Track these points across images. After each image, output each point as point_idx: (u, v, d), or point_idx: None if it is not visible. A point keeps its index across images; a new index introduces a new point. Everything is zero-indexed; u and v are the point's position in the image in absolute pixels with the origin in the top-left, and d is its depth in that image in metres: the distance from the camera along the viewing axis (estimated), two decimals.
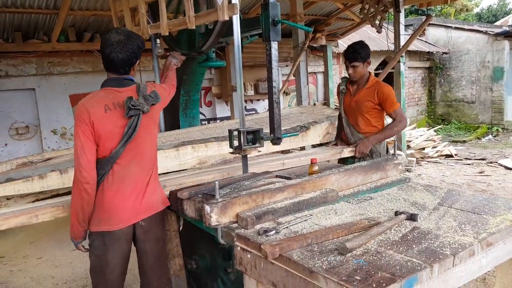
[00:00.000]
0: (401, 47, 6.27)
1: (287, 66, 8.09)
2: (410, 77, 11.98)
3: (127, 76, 2.12)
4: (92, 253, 2.11)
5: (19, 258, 4.28)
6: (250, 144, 2.45)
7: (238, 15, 2.31)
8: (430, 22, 10.34)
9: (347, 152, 3.26)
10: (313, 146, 3.78)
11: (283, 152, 3.59)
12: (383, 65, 10.31)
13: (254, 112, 8.27)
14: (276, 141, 2.50)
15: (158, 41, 3.32)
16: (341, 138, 3.52)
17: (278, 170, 2.77)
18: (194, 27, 2.56)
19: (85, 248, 2.15)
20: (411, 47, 10.03)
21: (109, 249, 2.06)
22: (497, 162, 7.66)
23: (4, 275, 3.87)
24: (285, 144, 3.33)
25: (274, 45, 2.36)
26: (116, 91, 2.06)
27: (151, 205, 2.13)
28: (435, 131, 9.60)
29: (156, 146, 2.22)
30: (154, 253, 2.21)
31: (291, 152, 3.29)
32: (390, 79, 8.04)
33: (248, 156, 2.53)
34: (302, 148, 4.04)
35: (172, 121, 3.77)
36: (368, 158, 3.19)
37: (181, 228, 2.63)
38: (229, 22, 2.38)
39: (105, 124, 1.98)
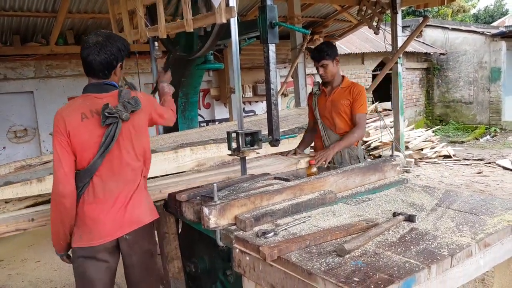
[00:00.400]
0: (398, 48, 6.29)
1: (285, 67, 8.11)
2: (408, 78, 12.02)
3: (108, 81, 1.97)
4: (76, 269, 1.98)
5: (17, 261, 4.28)
6: (249, 146, 2.45)
7: (235, 17, 2.32)
8: (427, 23, 10.37)
9: (304, 162, 2.99)
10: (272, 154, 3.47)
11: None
12: (380, 66, 10.34)
13: (252, 113, 8.28)
14: (274, 142, 2.50)
15: (156, 43, 3.33)
16: (305, 146, 3.39)
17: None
18: (192, 30, 2.57)
19: (70, 260, 2.05)
20: (409, 48, 10.05)
21: (92, 265, 1.93)
22: (495, 163, 7.68)
23: (2, 279, 3.86)
24: (284, 145, 3.34)
25: (272, 48, 2.38)
26: (95, 98, 1.91)
27: (136, 218, 1.97)
28: (433, 131, 9.63)
29: (144, 157, 2.04)
30: (142, 266, 2.07)
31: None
32: (388, 80, 8.07)
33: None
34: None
35: None
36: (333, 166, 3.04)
37: (179, 231, 2.63)
38: (227, 25, 2.39)
39: (82, 133, 1.85)
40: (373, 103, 9.53)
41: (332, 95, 3.14)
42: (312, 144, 3.49)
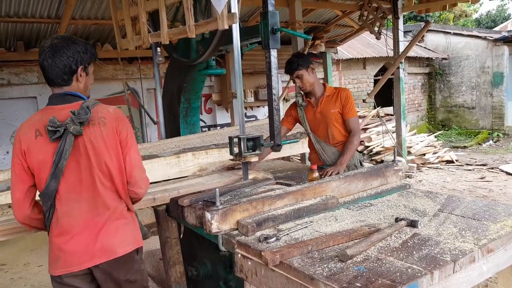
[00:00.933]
0: (400, 53, 6.30)
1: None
2: (410, 83, 12.02)
3: (72, 91, 1.74)
4: None
5: (20, 265, 4.28)
6: (250, 151, 2.46)
7: (237, 23, 2.34)
8: (429, 28, 10.41)
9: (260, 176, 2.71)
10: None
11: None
12: (382, 71, 10.35)
13: (254, 118, 8.29)
14: (276, 147, 2.51)
15: (158, 49, 3.35)
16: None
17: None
18: (194, 36, 2.59)
19: None
20: (411, 53, 10.08)
21: None
22: (498, 168, 7.65)
23: (5, 283, 3.86)
24: (285, 151, 3.34)
25: (274, 53, 2.39)
26: (55, 110, 1.70)
27: (109, 248, 1.73)
28: (435, 137, 9.61)
29: (110, 179, 1.74)
30: None
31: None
32: (389, 85, 8.08)
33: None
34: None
35: (173, 128, 3.78)
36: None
37: (181, 235, 2.63)
38: (229, 31, 2.40)
39: (36, 153, 1.66)
40: (375, 108, 9.52)
41: (320, 106, 3.02)
42: (308, 156, 3.40)
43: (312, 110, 3.07)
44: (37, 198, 1.76)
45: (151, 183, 2.77)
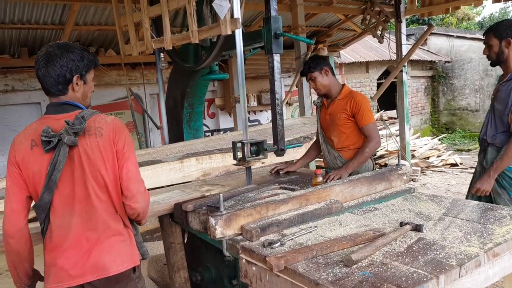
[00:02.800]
0: (403, 56, 6.30)
1: (289, 77, 8.14)
2: (413, 86, 12.01)
3: (68, 100, 1.70)
4: None
5: None
6: (254, 155, 2.46)
7: (240, 29, 2.35)
8: (432, 31, 10.39)
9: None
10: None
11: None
12: (385, 74, 10.35)
13: (257, 123, 8.30)
14: (279, 152, 2.51)
15: (162, 55, 3.36)
16: (307, 160, 3.21)
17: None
18: (197, 41, 2.60)
19: None
20: (413, 57, 10.07)
21: None
22: None
23: None
24: (289, 155, 3.34)
25: (277, 58, 2.39)
26: (52, 120, 1.67)
27: (102, 266, 1.65)
28: (439, 140, 9.58)
29: (107, 192, 1.68)
30: None
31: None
32: (393, 89, 8.07)
33: None
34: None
35: (176, 133, 3.79)
36: None
37: (185, 241, 2.63)
38: (232, 36, 2.41)
39: (32, 164, 1.61)
40: (378, 111, 9.51)
41: (330, 107, 2.97)
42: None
43: (325, 111, 3.05)
44: None
45: (154, 188, 2.79)
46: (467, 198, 2.79)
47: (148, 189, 2.39)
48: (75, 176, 1.63)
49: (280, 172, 3.04)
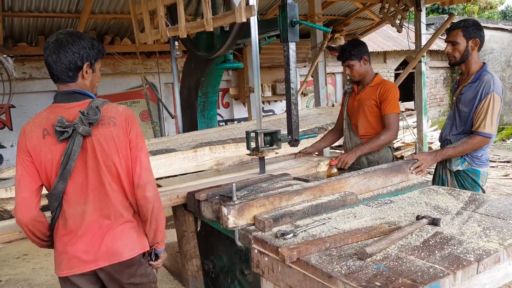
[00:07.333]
0: (422, 46, 6.14)
1: (305, 67, 8.05)
2: (432, 77, 11.74)
3: (78, 89, 1.70)
4: None
5: (41, 256, 4.38)
6: (268, 145, 2.44)
7: (256, 16, 2.31)
8: (453, 21, 10.11)
9: (324, 165, 2.79)
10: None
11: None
12: (404, 65, 10.14)
13: (271, 113, 8.26)
14: (293, 142, 2.48)
15: (176, 43, 3.35)
16: (324, 144, 3.23)
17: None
18: (212, 29, 2.57)
19: None
20: (433, 47, 9.83)
21: None
22: None
23: (27, 272, 3.96)
24: (303, 145, 3.30)
25: (292, 46, 2.35)
26: (63, 109, 1.67)
27: (114, 251, 1.69)
28: None
29: (119, 181, 1.70)
30: None
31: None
32: (411, 79, 7.91)
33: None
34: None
35: (190, 122, 3.79)
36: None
37: (198, 229, 2.64)
38: (247, 24, 2.37)
39: (44, 153, 1.62)
40: None
41: (360, 94, 2.97)
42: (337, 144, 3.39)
43: (354, 97, 3.04)
44: None
45: (167, 177, 2.80)
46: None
47: (162, 178, 2.39)
48: (88, 165, 1.65)
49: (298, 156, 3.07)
